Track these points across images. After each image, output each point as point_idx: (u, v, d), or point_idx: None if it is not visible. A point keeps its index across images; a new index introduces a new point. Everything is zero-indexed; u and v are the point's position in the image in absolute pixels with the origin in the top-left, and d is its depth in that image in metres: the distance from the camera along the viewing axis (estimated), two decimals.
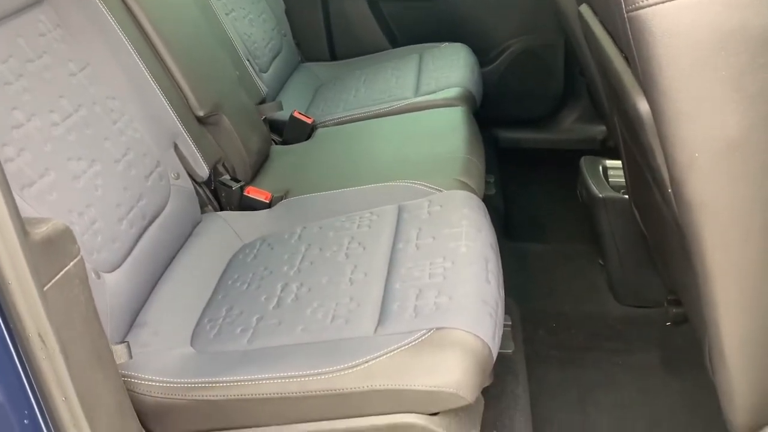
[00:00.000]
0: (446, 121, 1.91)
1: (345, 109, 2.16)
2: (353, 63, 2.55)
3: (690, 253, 0.90)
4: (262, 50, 2.19)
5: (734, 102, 0.77)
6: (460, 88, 2.08)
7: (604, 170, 1.86)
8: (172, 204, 1.45)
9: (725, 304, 0.87)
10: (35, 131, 1.18)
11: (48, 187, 1.15)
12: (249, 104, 1.89)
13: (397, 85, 2.22)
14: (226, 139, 1.73)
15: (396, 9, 2.62)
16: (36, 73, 1.23)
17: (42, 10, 1.31)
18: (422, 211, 1.43)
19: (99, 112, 1.34)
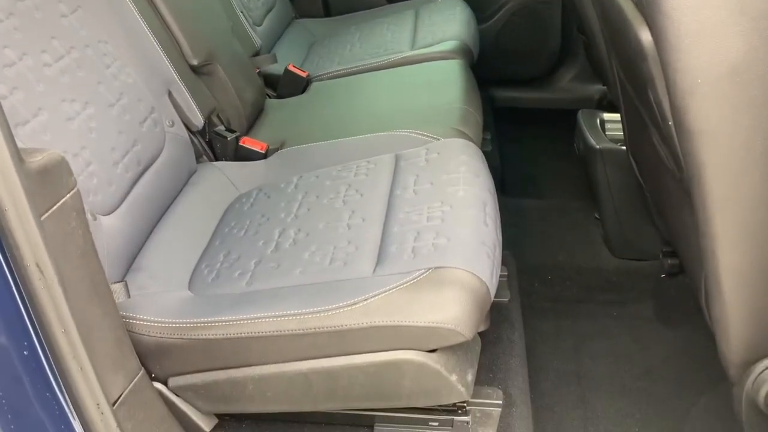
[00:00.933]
0: (443, 74, 1.89)
1: (340, 63, 2.13)
2: (348, 19, 2.51)
3: (689, 186, 0.90)
4: (255, 3, 2.16)
5: (738, 25, 0.76)
6: (457, 41, 2.05)
7: (601, 123, 1.85)
8: (167, 151, 1.44)
9: (724, 233, 0.87)
10: (27, 70, 1.16)
11: (41, 127, 1.13)
12: (243, 56, 1.86)
13: (393, 39, 2.19)
14: (220, 89, 1.71)
15: None
16: (26, 13, 1.21)
17: None
18: (420, 158, 1.42)
19: (91, 55, 1.32)
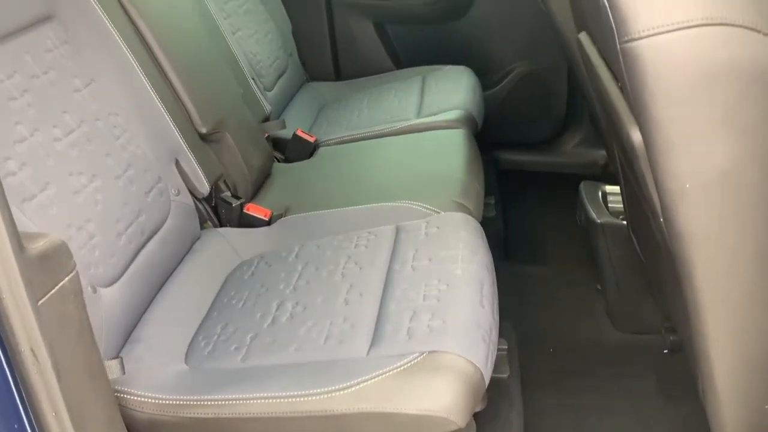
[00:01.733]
0: (447, 143, 1.92)
1: (347, 128, 2.18)
2: (357, 83, 2.57)
3: (681, 283, 0.90)
4: (267, 69, 2.22)
5: (724, 135, 0.77)
6: (462, 110, 2.09)
7: (603, 196, 1.86)
8: (171, 220, 1.46)
9: (715, 333, 0.87)
10: (38, 145, 1.19)
11: (48, 201, 1.16)
12: (252, 122, 1.91)
13: (400, 106, 2.23)
14: (228, 156, 1.75)
15: (401, 31, 2.65)
16: (41, 89, 1.25)
17: (51, 26, 1.34)
18: (419, 232, 1.43)
19: (101, 128, 1.36)
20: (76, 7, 1.41)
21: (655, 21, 0.75)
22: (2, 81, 1.18)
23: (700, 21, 0.74)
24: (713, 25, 0.74)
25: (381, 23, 2.62)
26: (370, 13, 2.57)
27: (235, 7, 2.16)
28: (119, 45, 1.48)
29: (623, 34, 0.78)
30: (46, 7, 1.33)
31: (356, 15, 2.57)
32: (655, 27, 0.75)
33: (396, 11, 2.55)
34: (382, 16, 2.58)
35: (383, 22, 2.62)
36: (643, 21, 0.76)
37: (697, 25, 0.74)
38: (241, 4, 2.20)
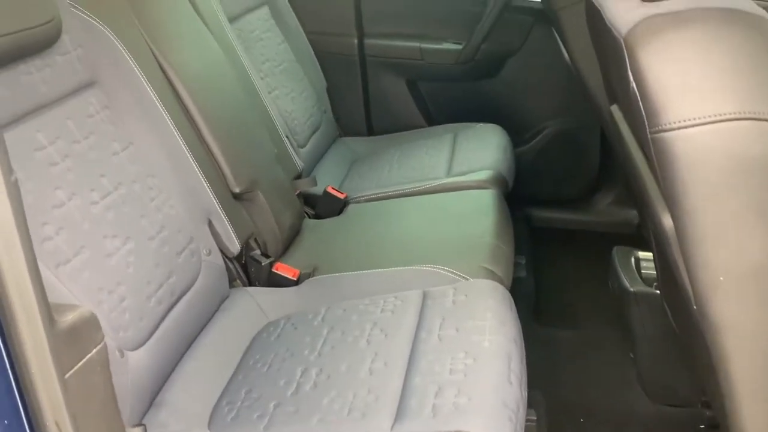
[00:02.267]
0: (476, 204, 1.92)
1: (377, 185, 2.19)
2: (389, 139, 2.60)
3: (716, 372, 0.87)
4: (301, 126, 2.26)
5: (758, 227, 0.76)
6: (492, 170, 2.09)
7: (636, 262, 1.82)
8: (201, 280, 1.48)
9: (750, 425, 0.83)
10: (75, 209, 1.22)
11: (81, 265, 1.18)
12: (284, 180, 1.93)
13: (430, 164, 2.25)
14: (259, 214, 1.77)
15: (433, 88, 2.68)
16: (81, 154, 1.29)
17: (93, 92, 1.39)
18: (447, 299, 1.42)
19: (138, 190, 1.39)
20: (118, 72, 1.46)
21: (686, 113, 0.75)
22: (45, 147, 1.22)
23: (732, 115, 0.73)
24: (745, 120, 0.73)
25: (414, 80, 2.66)
26: (403, 71, 2.61)
27: (272, 67, 2.21)
28: (157, 107, 1.53)
29: (654, 124, 0.78)
30: (90, 74, 1.38)
31: (389, 73, 2.62)
32: (686, 119, 0.75)
33: (429, 69, 2.58)
34: (415, 74, 2.62)
35: (416, 79, 2.66)
36: (674, 113, 0.76)
37: (728, 119, 0.73)
38: (278, 64, 2.26)
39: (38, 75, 1.25)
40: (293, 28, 2.46)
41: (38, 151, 1.20)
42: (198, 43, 1.76)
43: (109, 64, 1.44)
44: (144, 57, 1.54)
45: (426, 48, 2.54)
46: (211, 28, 1.86)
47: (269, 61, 2.21)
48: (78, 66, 1.35)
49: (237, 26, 2.10)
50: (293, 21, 2.47)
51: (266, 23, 2.29)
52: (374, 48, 2.58)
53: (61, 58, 1.31)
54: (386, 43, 2.57)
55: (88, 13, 1.42)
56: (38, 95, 1.24)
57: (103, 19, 1.45)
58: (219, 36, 1.89)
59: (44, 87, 1.26)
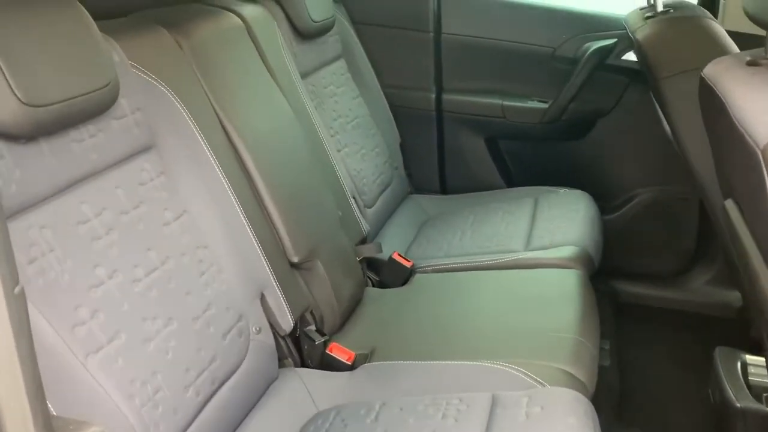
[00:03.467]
0: (558, 288, 1.72)
1: (447, 254, 2.03)
2: (464, 199, 2.44)
3: None
4: (370, 186, 2.14)
5: None
6: (577, 247, 1.89)
7: (743, 367, 1.57)
8: (248, 362, 1.36)
9: None
10: (115, 289, 1.13)
11: (115, 353, 1.08)
12: (347, 247, 1.81)
13: (507, 233, 2.07)
14: (317, 286, 1.65)
15: (515, 148, 2.51)
16: (128, 225, 1.20)
17: (148, 157, 1.30)
18: (519, 410, 1.24)
19: (187, 264, 1.29)
20: (177, 135, 1.38)
21: None
22: (90, 220, 1.14)
23: None
24: None
25: (493, 138, 2.50)
26: (482, 128, 2.46)
27: (344, 123, 2.11)
28: (216, 172, 1.44)
29: None
30: (147, 138, 1.30)
31: (467, 129, 2.47)
32: None
33: (510, 128, 2.42)
34: (495, 131, 2.47)
35: (496, 137, 2.50)
36: None
37: None
38: (350, 120, 2.16)
39: (90, 141, 1.17)
40: (369, 81, 2.37)
41: (82, 224, 1.12)
42: (266, 103, 1.68)
43: (168, 126, 1.37)
44: (205, 118, 1.46)
45: (508, 105, 2.39)
46: (282, 85, 1.78)
47: (341, 118, 2.11)
48: (135, 130, 1.28)
49: (310, 81, 2.01)
50: (369, 74, 2.38)
51: (341, 77, 2.20)
52: (452, 103, 2.45)
53: (117, 123, 1.24)
54: (465, 98, 2.43)
55: (149, 74, 1.35)
56: (88, 163, 1.16)
57: (165, 80, 1.38)
58: (290, 94, 1.80)
59: (95, 154, 1.18)
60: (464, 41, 2.39)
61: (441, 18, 2.39)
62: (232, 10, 1.74)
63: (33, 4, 1.07)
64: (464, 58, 2.41)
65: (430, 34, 2.39)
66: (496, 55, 2.38)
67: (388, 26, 2.41)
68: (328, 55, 2.15)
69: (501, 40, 2.36)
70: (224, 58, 1.59)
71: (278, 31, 1.88)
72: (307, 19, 1.96)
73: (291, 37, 1.94)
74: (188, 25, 1.53)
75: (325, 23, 2.08)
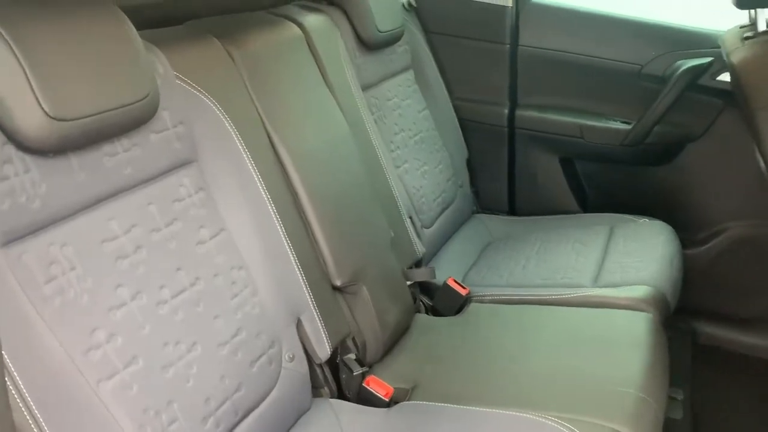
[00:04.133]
0: (624, 332, 1.56)
1: (507, 282, 1.90)
2: (533, 222, 2.29)
3: None
4: (429, 204, 2.03)
5: None
6: (651, 287, 1.71)
7: None
8: (277, 391, 1.29)
9: None
10: (137, 311, 1.08)
11: (130, 379, 1.03)
12: (396, 270, 1.71)
13: (576, 264, 1.91)
14: (360, 311, 1.56)
15: (592, 170, 2.34)
16: (159, 243, 1.16)
17: (187, 172, 1.25)
18: None
19: (219, 285, 1.23)
20: (220, 149, 1.33)
21: None
22: (117, 237, 1.10)
23: None
24: None
25: (569, 159, 2.33)
26: (557, 147, 2.30)
27: (406, 138, 2.02)
28: (258, 188, 1.37)
29: None
30: (188, 153, 1.26)
31: (541, 148, 2.32)
32: None
33: (588, 149, 2.25)
34: (572, 152, 2.30)
35: (572, 158, 2.33)
36: None
37: None
38: (413, 134, 2.06)
39: (124, 155, 1.13)
40: (437, 94, 2.26)
41: (108, 242, 1.08)
42: (319, 117, 1.61)
43: (212, 140, 1.32)
44: (252, 132, 1.41)
45: (587, 125, 2.22)
46: (339, 98, 1.70)
47: (403, 132, 2.02)
48: (176, 144, 1.23)
49: (372, 94, 1.93)
50: (438, 86, 2.27)
51: (407, 89, 2.11)
52: (526, 120, 2.30)
53: (156, 137, 1.20)
54: (540, 115, 2.28)
55: (195, 86, 1.30)
56: (120, 178, 1.12)
57: (211, 92, 1.33)
58: (347, 107, 1.73)
59: (129, 169, 1.14)
60: (542, 54, 2.24)
61: (519, 29, 2.25)
62: (293, 19, 1.68)
63: (70, 12, 1.03)
64: (541, 72, 2.26)
65: (506, 46, 2.26)
66: (576, 71, 2.21)
67: (462, 36, 2.30)
68: (395, 66, 2.06)
69: (582, 54, 2.19)
70: (278, 70, 1.53)
71: (341, 41, 1.80)
72: (373, 30, 1.88)
73: (355, 48, 1.87)
74: (242, 35, 1.48)
75: (393, 33, 1.99)
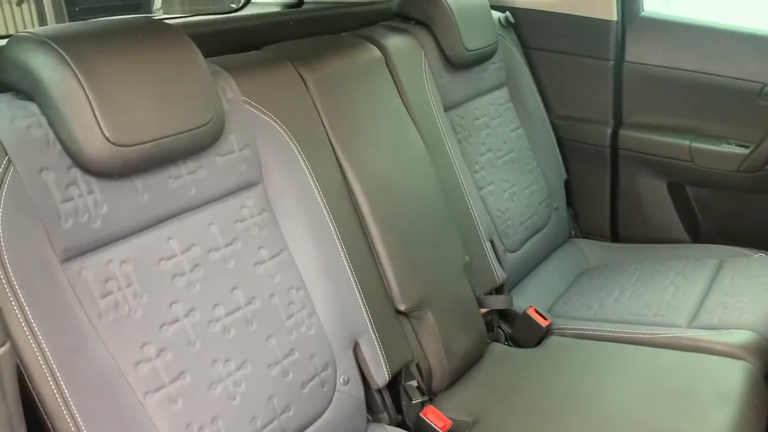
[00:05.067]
0: (716, 382, 1.40)
1: (595, 316, 1.78)
2: (635, 251, 2.13)
3: None
4: (516, 228, 1.95)
5: None
6: (754, 333, 1.53)
7: None
8: (329, 414, 1.29)
9: None
10: (189, 327, 1.13)
11: (176, 393, 1.08)
12: (468, 297, 1.65)
13: (672, 301, 1.75)
14: (427, 337, 1.53)
15: (705, 197, 2.13)
16: (217, 263, 1.20)
17: (251, 193, 1.29)
18: None
19: (275, 304, 1.26)
20: (286, 172, 1.35)
21: None
22: (176, 256, 1.15)
23: None
24: None
25: (679, 184, 2.15)
26: (665, 171, 2.12)
27: (492, 158, 1.96)
28: (322, 211, 1.38)
29: None
30: (253, 175, 1.29)
31: (647, 171, 2.15)
32: None
33: (699, 174, 2.06)
34: (681, 177, 2.11)
35: (682, 183, 2.14)
36: None
37: None
38: (503, 154, 1.99)
39: (189, 177, 1.19)
40: (534, 111, 2.17)
41: (166, 260, 1.14)
42: (393, 140, 1.59)
43: (278, 163, 1.35)
44: (320, 156, 1.42)
45: (698, 148, 2.03)
46: (418, 119, 1.68)
47: (491, 152, 1.96)
48: (242, 167, 1.27)
49: (458, 113, 1.89)
50: (535, 104, 2.18)
51: (499, 108, 2.05)
52: (630, 141, 2.15)
53: (222, 159, 1.25)
54: (646, 136, 2.12)
55: (264, 110, 1.34)
56: (184, 199, 1.18)
57: (280, 116, 1.36)
58: (426, 128, 1.70)
59: (193, 190, 1.19)
60: (650, 71, 2.08)
61: (625, 44, 2.11)
62: (375, 41, 1.68)
63: (137, 41, 1.09)
64: (648, 89, 2.10)
65: (610, 62, 2.12)
66: (686, 88, 2.03)
67: (562, 52, 2.19)
68: (485, 84, 2.01)
69: (695, 71, 2.01)
70: (352, 93, 1.54)
71: (425, 61, 1.78)
72: (459, 49, 1.84)
73: (441, 67, 1.84)
74: (318, 58, 1.51)
75: (484, 51, 1.94)
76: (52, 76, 1.00)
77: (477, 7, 1.94)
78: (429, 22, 1.83)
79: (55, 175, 1.02)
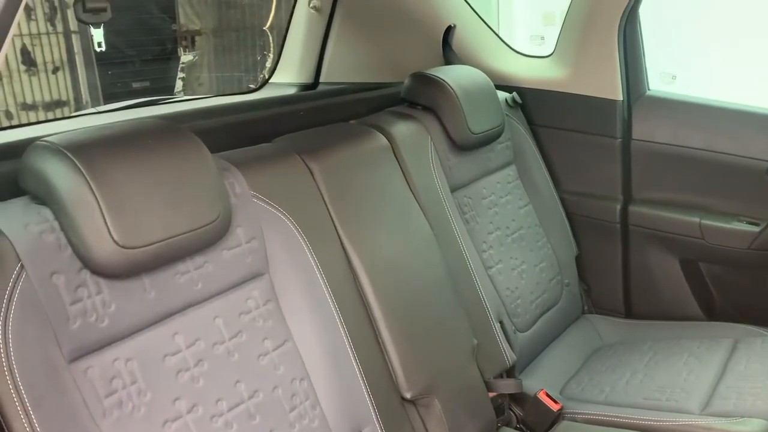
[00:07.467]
0: None
1: (607, 399, 1.75)
2: (649, 328, 2.11)
3: None
4: (526, 307, 1.95)
5: None
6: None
7: None
8: None
9: None
10: (192, 424, 1.15)
11: None
12: (476, 382, 1.64)
13: (685, 385, 1.72)
14: (433, 425, 1.52)
15: (718, 272, 2.11)
16: (220, 357, 1.22)
17: (257, 284, 1.32)
18: None
19: (278, 397, 1.27)
20: (292, 263, 1.37)
21: None
22: (180, 351, 1.18)
23: None
24: None
25: (692, 260, 2.14)
26: (676, 248, 2.12)
27: (501, 236, 1.97)
28: (326, 299, 1.40)
29: None
30: (259, 267, 1.33)
31: (658, 247, 2.15)
32: None
33: (711, 251, 2.04)
34: (692, 253, 2.10)
35: (695, 260, 2.13)
36: None
37: None
38: (511, 232, 2.01)
39: (196, 273, 1.23)
40: (542, 188, 2.19)
41: (171, 356, 1.16)
42: (399, 225, 1.63)
43: (284, 254, 1.38)
44: (325, 245, 1.45)
45: (708, 225, 2.03)
46: (424, 203, 1.71)
47: (499, 230, 1.98)
48: (248, 259, 1.31)
49: (465, 193, 1.92)
50: (543, 180, 2.21)
51: (507, 185, 2.08)
52: (640, 216, 2.15)
53: (229, 253, 1.28)
54: (656, 212, 2.12)
55: (271, 203, 1.38)
56: (190, 294, 1.21)
57: (287, 208, 1.40)
58: (432, 211, 1.73)
59: (200, 284, 1.23)
60: (657, 149, 2.11)
61: (632, 123, 2.14)
62: (381, 128, 1.74)
63: (146, 147, 1.14)
64: (656, 166, 2.12)
65: (617, 140, 2.15)
66: (695, 166, 2.05)
67: (569, 130, 2.23)
68: (493, 164, 2.04)
69: (701, 149, 2.03)
70: (358, 181, 1.59)
71: (431, 145, 1.83)
72: (465, 133, 1.89)
73: (447, 150, 1.89)
74: (324, 149, 1.56)
75: (490, 133, 1.98)
76: (65, 183, 1.05)
77: (483, 90, 2.00)
78: (435, 107, 1.89)
79: (66, 278, 1.06)
